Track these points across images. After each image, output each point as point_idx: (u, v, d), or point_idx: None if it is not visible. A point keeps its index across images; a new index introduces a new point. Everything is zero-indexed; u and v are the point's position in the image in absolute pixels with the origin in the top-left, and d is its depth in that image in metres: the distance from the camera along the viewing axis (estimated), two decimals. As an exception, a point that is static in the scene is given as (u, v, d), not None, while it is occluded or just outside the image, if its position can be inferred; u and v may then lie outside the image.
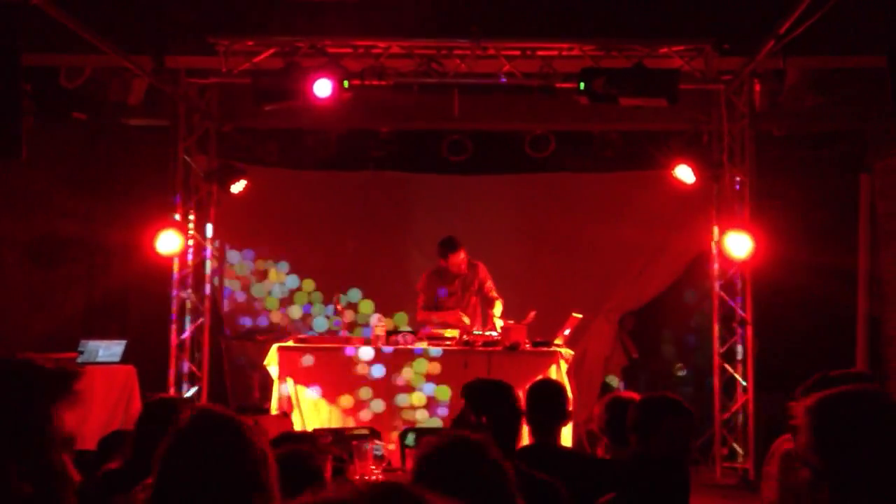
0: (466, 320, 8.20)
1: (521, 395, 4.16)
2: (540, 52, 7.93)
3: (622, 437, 4.07)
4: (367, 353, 7.73)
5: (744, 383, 8.54)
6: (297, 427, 7.50)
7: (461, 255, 8.32)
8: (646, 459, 3.73)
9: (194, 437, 2.46)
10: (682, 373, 9.90)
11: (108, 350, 8.21)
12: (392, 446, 7.26)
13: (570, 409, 4.60)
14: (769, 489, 3.93)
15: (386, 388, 7.79)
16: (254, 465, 2.40)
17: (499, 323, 8.06)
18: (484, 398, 3.96)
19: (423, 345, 7.88)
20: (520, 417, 4.05)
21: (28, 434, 2.39)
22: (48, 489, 2.34)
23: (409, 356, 7.78)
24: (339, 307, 8.19)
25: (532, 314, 7.95)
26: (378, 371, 7.76)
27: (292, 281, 9.80)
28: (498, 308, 8.29)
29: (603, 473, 3.94)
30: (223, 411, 2.57)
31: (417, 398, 7.74)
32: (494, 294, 8.43)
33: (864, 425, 2.22)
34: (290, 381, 7.79)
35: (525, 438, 4.38)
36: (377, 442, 6.82)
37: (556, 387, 4.74)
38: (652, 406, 3.88)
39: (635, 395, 4.64)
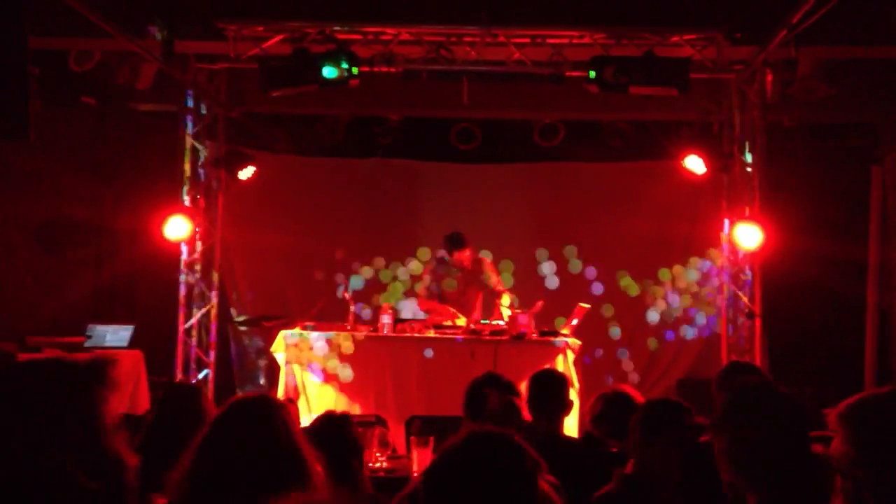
0: (461, 321, 8.13)
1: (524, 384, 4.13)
2: (550, 40, 7.88)
3: (616, 431, 4.05)
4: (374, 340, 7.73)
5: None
6: (304, 414, 7.50)
7: (466, 253, 8.29)
8: None
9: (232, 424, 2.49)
10: None
11: (116, 335, 8.23)
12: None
13: (572, 399, 4.58)
14: None
15: (393, 376, 7.78)
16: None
17: (506, 312, 8.02)
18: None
19: (430, 333, 7.87)
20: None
21: (77, 430, 2.32)
22: (110, 478, 2.31)
23: (416, 344, 7.76)
24: (345, 294, 8.18)
25: (539, 304, 7.92)
26: (385, 358, 7.76)
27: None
28: (506, 299, 8.26)
29: (605, 463, 3.92)
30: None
31: (424, 386, 7.72)
32: (501, 288, 8.40)
33: None
34: (296, 367, 7.79)
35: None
36: (383, 429, 6.80)
37: (559, 376, 4.73)
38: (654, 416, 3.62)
39: (626, 388, 4.63)
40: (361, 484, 3.35)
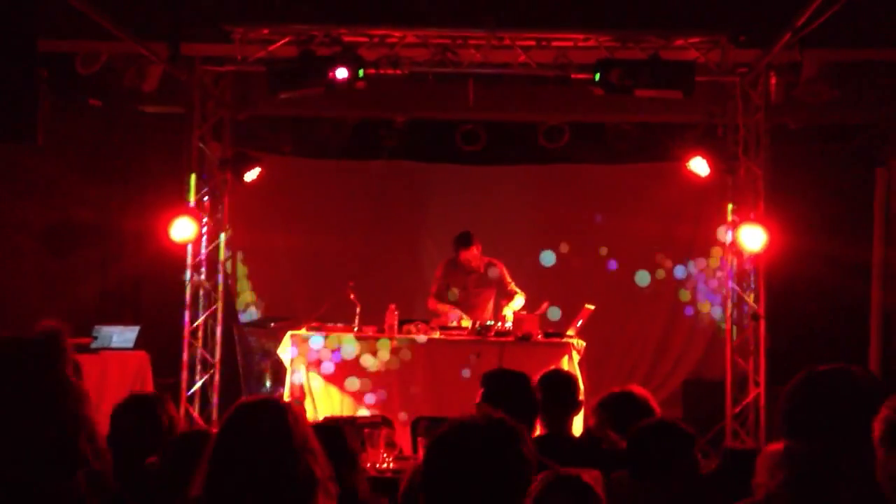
0: (466, 322, 8.15)
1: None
2: (555, 43, 7.90)
3: (619, 428, 4.08)
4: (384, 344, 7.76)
5: (756, 377, 8.52)
6: (310, 415, 7.52)
7: (473, 251, 8.30)
8: None
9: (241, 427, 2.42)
10: None
11: (122, 336, 8.24)
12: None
13: (581, 399, 4.60)
14: None
15: (399, 377, 7.80)
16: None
17: (508, 313, 8.04)
18: (501, 389, 3.92)
19: (435, 335, 7.89)
20: (536, 411, 3.98)
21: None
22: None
23: (421, 345, 7.78)
24: (351, 296, 8.20)
25: (545, 305, 7.95)
26: (392, 360, 7.78)
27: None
28: (516, 301, 8.25)
29: (614, 462, 3.94)
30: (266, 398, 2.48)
31: (429, 387, 7.75)
32: (513, 288, 8.39)
33: None
34: (302, 368, 7.81)
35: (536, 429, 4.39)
36: (389, 430, 6.83)
37: (568, 377, 4.75)
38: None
39: (632, 388, 4.64)
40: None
